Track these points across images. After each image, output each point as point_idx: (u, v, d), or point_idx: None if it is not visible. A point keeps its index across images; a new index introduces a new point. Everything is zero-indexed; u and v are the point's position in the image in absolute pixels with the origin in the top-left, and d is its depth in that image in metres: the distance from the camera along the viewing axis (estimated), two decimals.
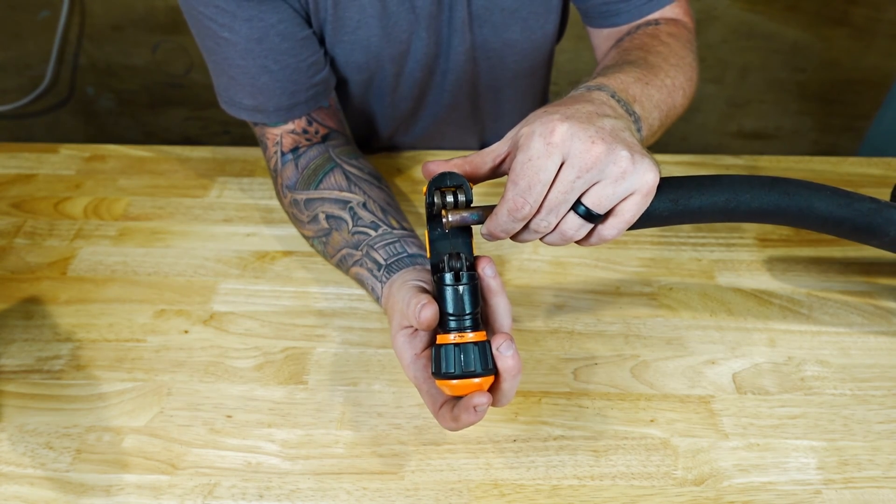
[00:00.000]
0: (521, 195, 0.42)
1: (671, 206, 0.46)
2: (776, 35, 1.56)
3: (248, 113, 0.65)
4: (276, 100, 0.64)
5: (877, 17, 1.53)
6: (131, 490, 0.50)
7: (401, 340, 0.46)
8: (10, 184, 0.78)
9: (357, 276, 0.59)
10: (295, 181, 0.64)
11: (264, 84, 0.63)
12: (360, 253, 0.58)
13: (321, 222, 0.62)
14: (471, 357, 0.42)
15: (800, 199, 0.47)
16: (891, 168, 0.82)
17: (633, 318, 0.64)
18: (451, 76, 0.76)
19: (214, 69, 0.65)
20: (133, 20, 1.53)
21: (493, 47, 0.73)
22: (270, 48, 0.62)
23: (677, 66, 0.59)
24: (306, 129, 0.66)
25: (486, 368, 0.42)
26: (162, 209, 0.75)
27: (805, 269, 0.69)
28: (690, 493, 0.51)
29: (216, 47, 0.62)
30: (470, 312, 0.43)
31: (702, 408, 0.56)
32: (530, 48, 0.75)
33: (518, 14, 0.70)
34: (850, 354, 0.61)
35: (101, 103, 1.68)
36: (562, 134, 0.41)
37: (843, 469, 0.52)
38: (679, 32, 0.65)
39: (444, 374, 0.43)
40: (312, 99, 0.66)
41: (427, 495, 0.50)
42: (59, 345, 0.60)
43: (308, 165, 0.64)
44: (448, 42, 0.72)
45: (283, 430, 0.54)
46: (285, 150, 0.66)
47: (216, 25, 0.60)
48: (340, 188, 0.62)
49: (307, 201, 0.63)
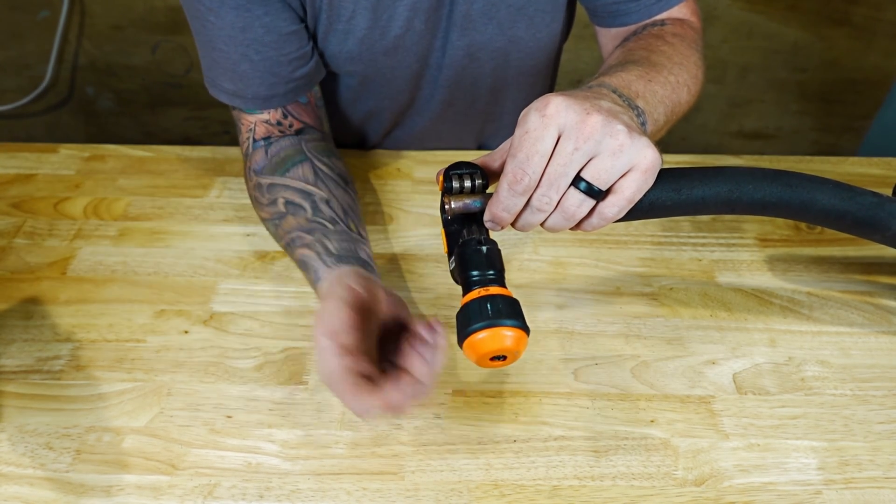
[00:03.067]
0: (520, 166, 0.42)
1: (674, 196, 0.46)
2: (776, 35, 1.56)
3: (227, 96, 0.66)
4: (254, 89, 0.64)
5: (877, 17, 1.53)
6: (131, 490, 0.50)
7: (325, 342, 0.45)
8: (10, 184, 0.78)
9: (302, 257, 0.58)
10: (262, 166, 0.65)
11: (244, 72, 0.63)
12: (312, 238, 0.58)
13: (279, 206, 0.62)
14: (499, 306, 0.39)
15: (802, 191, 0.47)
16: (891, 168, 0.82)
17: (633, 318, 0.64)
18: (446, 71, 0.75)
19: (201, 49, 0.66)
20: (133, 20, 1.53)
21: (497, 46, 0.73)
22: (254, 38, 0.62)
23: (681, 63, 0.60)
24: (280, 121, 0.66)
25: (518, 319, 0.39)
26: (162, 209, 0.75)
27: (805, 268, 0.69)
28: (691, 493, 0.51)
29: (202, 28, 0.63)
30: (494, 270, 0.42)
31: (702, 408, 0.56)
32: (535, 47, 0.74)
33: (524, 11, 0.70)
34: (851, 354, 0.61)
35: (101, 103, 1.68)
36: (556, 106, 0.42)
37: (843, 469, 0.52)
38: (685, 32, 0.66)
39: (473, 329, 0.39)
40: (291, 93, 0.66)
41: (427, 496, 0.50)
42: (59, 345, 0.60)
43: (278, 153, 0.65)
44: (445, 36, 0.72)
45: (283, 430, 0.54)
46: (257, 137, 0.66)
47: (204, 8, 0.61)
48: (306, 181, 0.62)
49: (270, 186, 0.63)
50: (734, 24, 1.54)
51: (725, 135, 1.75)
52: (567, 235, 0.72)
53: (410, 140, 0.85)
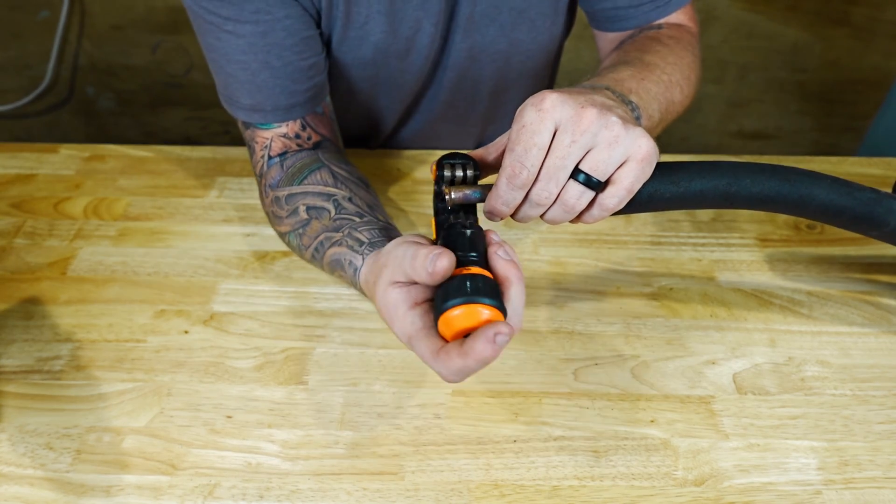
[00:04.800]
0: (518, 160, 0.43)
1: (672, 188, 0.46)
2: (776, 35, 1.56)
3: (245, 112, 0.65)
4: (275, 99, 0.63)
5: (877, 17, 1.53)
6: (131, 490, 0.50)
7: (395, 292, 0.42)
8: (10, 184, 0.78)
9: (333, 256, 0.55)
10: (279, 179, 0.63)
11: (264, 81, 0.62)
12: (341, 234, 0.55)
13: (300, 214, 0.59)
14: (478, 284, 0.39)
15: (801, 186, 0.47)
16: (891, 168, 0.82)
17: (633, 318, 0.64)
18: (449, 73, 0.75)
19: (214, 66, 0.65)
20: (133, 20, 1.53)
21: (499, 48, 0.73)
22: (274, 43, 0.61)
23: (675, 63, 0.61)
24: (299, 133, 0.65)
25: (496, 299, 0.39)
26: (162, 209, 0.75)
27: (805, 268, 0.69)
28: (691, 493, 0.51)
29: (217, 43, 0.62)
30: (476, 253, 0.41)
31: (702, 408, 0.56)
32: (536, 49, 0.75)
33: (526, 14, 0.71)
34: (851, 354, 0.61)
35: (101, 103, 1.68)
36: (552, 101, 0.42)
37: (843, 469, 0.52)
38: (681, 36, 0.66)
39: (449, 305, 0.38)
40: (310, 101, 0.65)
41: (427, 496, 0.50)
42: (59, 345, 0.60)
43: (294, 164, 0.63)
44: (451, 38, 0.72)
45: (283, 430, 0.54)
46: (273, 153, 0.65)
47: (220, 19, 0.60)
48: (326, 184, 0.61)
49: (288, 196, 0.61)
50: (734, 24, 1.54)
51: (725, 135, 1.75)
52: (567, 235, 0.72)
53: (411, 141, 0.85)
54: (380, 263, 0.45)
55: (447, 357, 0.38)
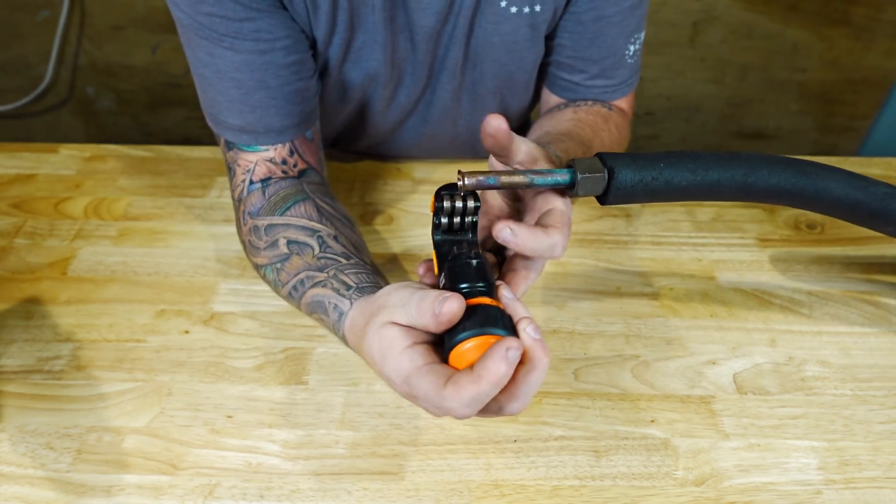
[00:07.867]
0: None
1: (689, 176, 0.45)
2: (776, 35, 1.56)
3: (234, 133, 0.61)
4: (268, 120, 0.61)
5: (877, 17, 1.53)
6: (132, 490, 0.50)
7: (393, 330, 0.40)
8: (10, 184, 0.78)
9: (315, 297, 0.52)
10: (259, 207, 0.60)
11: (258, 101, 0.60)
12: (325, 275, 0.52)
13: (280, 247, 0.56)
14: (490, 315, 0.38)
15: (817, 178, 0.46)
16: (891, 168, 0.82)
17: (633, 318, 0.64)
18: (434, 109, 0.76)
19: (202, 81, 0.62)
20: (133, 20, 1.53)
21: (479, 91, 0.75)
22: (272, 62, 0.59)
23: (619, 145, 0.68)
24: (286, 159, 0.62)
25: (509, 330, 0.38)
26: (162, 209, 0.75)
27: (805, 268, 0.69)
28: (691, 493, 0.51)
29: (209, 59, 0.59)
30: (484, 283, 0.41)
31: (702, 408, 0.56)
32: (521, 83, 0.76)
33: (511, 56, 0.71)
34: (851, 354, 0.61)
35: (101, 103, 1.68)
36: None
37: (843, 469, 0.52)
38: (623, 125, 0.72)
39: (462, 337, 0.37)
40: (303, 124, 0.63)
41: (427, 496, 0.50)
42: (60, 345, 0.60)
43: (277, 192, 0.60)
44: (437, 77, 0.72)
45: (283, 430, 0.54)
46: (255, 179, 0.62)
47: (216, 35, 0.57)
48: (310, 218, 0.58)
49: (268, 227, 0.58)
50: (734, 24, 1.53)
51: (725, 135, 1.75)
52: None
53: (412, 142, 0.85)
54: (375, 306, 0.43)
55: (457, 388, 0.36)
